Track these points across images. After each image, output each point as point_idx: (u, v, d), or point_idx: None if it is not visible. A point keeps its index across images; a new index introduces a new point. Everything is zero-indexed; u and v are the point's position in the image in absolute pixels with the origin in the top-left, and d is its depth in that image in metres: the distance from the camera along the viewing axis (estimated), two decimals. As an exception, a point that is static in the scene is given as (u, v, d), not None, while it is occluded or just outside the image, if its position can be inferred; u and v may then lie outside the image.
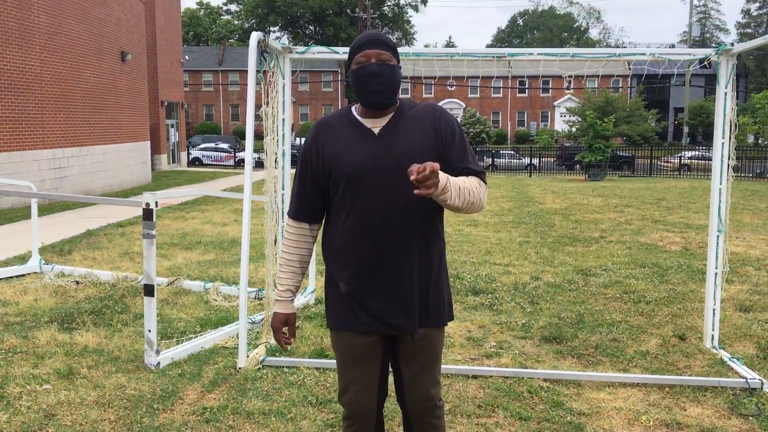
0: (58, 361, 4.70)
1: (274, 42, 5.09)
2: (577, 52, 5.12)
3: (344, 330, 2.51)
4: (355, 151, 2.42)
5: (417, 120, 2.48)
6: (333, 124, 2.53)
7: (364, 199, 2.39)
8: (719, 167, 5.02)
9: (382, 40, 2.45)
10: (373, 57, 2.42)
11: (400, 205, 2.39)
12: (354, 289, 2.45)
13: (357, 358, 2.51)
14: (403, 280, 2.43)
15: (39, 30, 14.90)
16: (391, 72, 2.43)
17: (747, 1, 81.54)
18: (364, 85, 2.42)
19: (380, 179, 2.39)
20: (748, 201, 16.57)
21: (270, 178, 5.11)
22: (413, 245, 2.42)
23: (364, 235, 2.40)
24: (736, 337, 5.46)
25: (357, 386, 2.53)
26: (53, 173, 15.71)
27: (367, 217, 2.39)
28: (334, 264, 2.50)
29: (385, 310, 2.44)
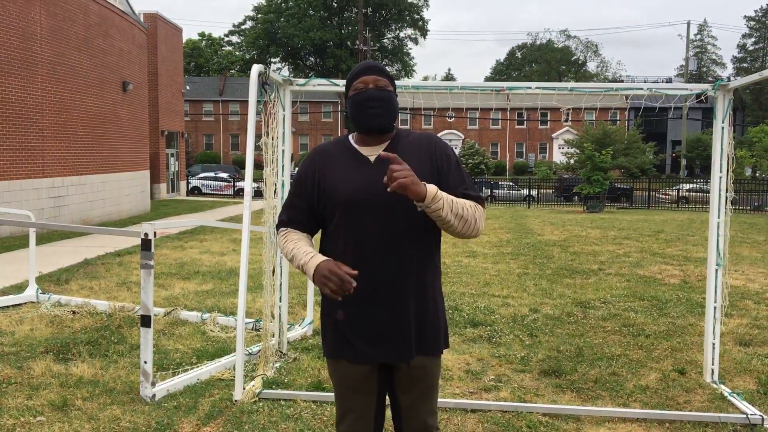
0: (52, 393, 4.65)
1: (274, 74, 5.14)
2: (575, 86, 5.17)
3: (340, 359, 2.50)
4: (351, 179, 2.43)
5: (413, 148, 2.50)
6: (330, 151, 2.55)
7: (359, 226, 2.40)
8: (717, 201, 5.04)
9: (378, 68, 2.51)
10: (371, 83, 2.47)
11: (395, 232, 2.40)
12: (350, 317, 2.44)
13: (353, 387, 2.51)
14: (398, 309, 2.42)
15: (42, 60, 15.03)
16: (388, 96, 2.48)
17: (743, 36, 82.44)
18: (363, 109, 2.45)
19: (376, 207, 2.39)
20: (747, 234, 16.58)
21: (269, 208, 5.12)
22: (409, 274, 2.43)
23: (359, 264, 2.38)
24: (736, 372, 5.42)
25: (353, 415, 2.53)
26: (52, 202, 15.72)
27: (362, 244, 2.39)
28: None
29: (380, 339, 2.43)
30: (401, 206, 2.38)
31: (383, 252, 2.39)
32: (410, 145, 2.51)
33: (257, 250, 5.31)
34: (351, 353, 2.46)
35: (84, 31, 17.00)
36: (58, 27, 15.73)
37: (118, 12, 19.46)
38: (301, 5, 71.70)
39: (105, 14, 18.33)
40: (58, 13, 15.73)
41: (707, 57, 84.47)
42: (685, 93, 5.14)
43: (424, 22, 75.43)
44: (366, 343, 2.44)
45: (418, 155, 2.48)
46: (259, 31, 72.54)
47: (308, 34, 69.24)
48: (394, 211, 2.39)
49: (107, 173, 18.73)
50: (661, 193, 33.73)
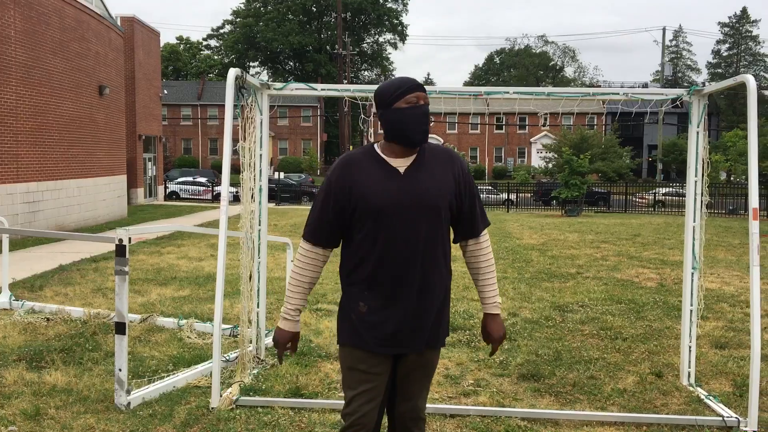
0: (25, 401, 4.57)
1: (251, 78, 5.10)
2: (552, 91, 5.20)
3: (355, 348, 2.69)
4: (384, 189, 2.62)
5: (437, 162, 2.72)
6: (360, 161, 2.70)
7: (388, 232, 2.60)
8: (693, 205, 5.08)
9: (423, 87, 2.68)
10: (422, 99, 2.64)
11: (419, 239, 2.62)
12: (372, 312, 2.65)
13: (365, 374, 2.70)
14: (417, 308, 2.66)
15: (16, 63, 14.83)
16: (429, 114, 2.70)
17: (717, 42, 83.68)
18: (417, 123, 2.62)
19: (404, 214, 2.61)
20: (722, 237, 16.79)
21: (246, 213, 5.07)
22: (428, 276, 2.66)
23: (384, 265, 2.61)
24: (713, 375, 5.46)
25: (364, 398, 2.70)
26: (27, 207, 15.50)
27: (389, 249, 2.61)
28: (354, 288, 2.69)
29: (398, 333, 2.65)
30: (426, 216, 2.63)
31: (408, 256, 2.61)
32: (434, 159, 2.71)
33: (235, 255, 5.27)
34: (369, 345, 2.66)
35: (59, 34, 16.81)
36: (33, 30, 15.53)
37: (95, 15, 19.27)
38: (280, 10, 71.66)
39: (81, 17, 18.14)
40: (33, 16, 15.53)
41: (682, 62, 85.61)
42: (660, 98, 5.18)
43: (403, 27, 75.77)
44: (384, 337, 2.65)
45: (443, 170, 2.70)
46: (238, 35, 72.39)
47: (287, 39, 69.18)
48: (419, 220, 2.62)
49: (83, 178, 18.51)
50: (638, 197, 34.06)
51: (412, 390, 2.80)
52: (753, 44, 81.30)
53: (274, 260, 11.10)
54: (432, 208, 2.62)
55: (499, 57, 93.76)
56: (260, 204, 5.41)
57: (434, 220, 2.64)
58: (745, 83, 4.40)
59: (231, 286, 8.30)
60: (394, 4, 74.34)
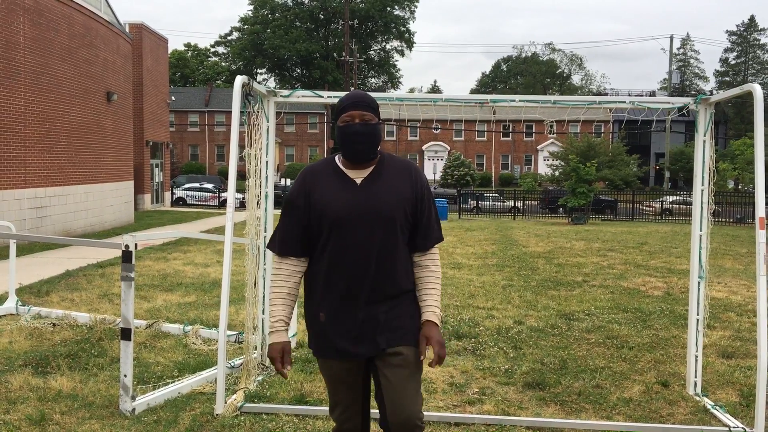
0: (30, 407, 4.58)
1: (258, 86, 5.12)
2: (558, 99, 5.19)
3: (324, 359, 2.80)
4: (339, 199, 2.71)
5: (395, 174, 2.79)
6: (319, 172, 2.82)
7: (343, 241, 2.69)
8: (699, 214, 5.06)
9: (365, 102, 2.75)
10: (357, 117, 2.72)
11: (374, 247, 2.69)
12: (331, 319, 2.73)
13: (340, 381, 2.82)
14: (374, 311, 2.71)
15: (25, 69, 14.93)
16: (372, 131, 2.74)
17: (725, 50, 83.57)
18: (349, 141, 2.72)
19: (359, 225, 2.68)
20: (729, 246, 16.71)
21: (251, 220, 5.08)
22: (384, 282, 2.72)
23: (341, 273, 2.70)
24: (719, 384, 5.43)
25: (343, 405, 2.86)
26: (34, 212, 15.57)
27: (344, 257, 2.69)
28: (314, 298, 2.78)
29: (359, 337, 2.71)
30: (381, 224, 2.70)
31: (363, 263, 2.68)
32: (393, 172, 2.79)
33: (241, 261, 5.28)
34: (333, 353, 2.75)
35: (68, 40, 16.91)
36: (42, 36, 15.63)
37: (103, 22, 19.38)
38: (288, 17, 71.90)
39: (89, 24, 18.25)
40: (42, 23, 15.63)
41: (690, 71, 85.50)
42: (667, 107, 5.17)
43: (410, 35, 75.86)
44: (346, 342, 2.72)
45: (401, 181, 2.77)
46: (246, 42, 72.62)
47: (294, 46, 69.38)
48: (374, 229, 2.69)
49: (90, 184, 18.59)
50: (644, 205, 33.97)
51: (399, 394, 2.69)
52: (761, 52, 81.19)
53: (279, 267, 11.10)
54: (387, 218, 2.69)
55: (506, 65, 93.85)
56: (266, 211, 5.42)
57: (389, 229, 2.70)
58: (752, 92, 4.39)
59: (236, 293, 8.30)
60: (402, 12, 74.49)
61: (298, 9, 72.19)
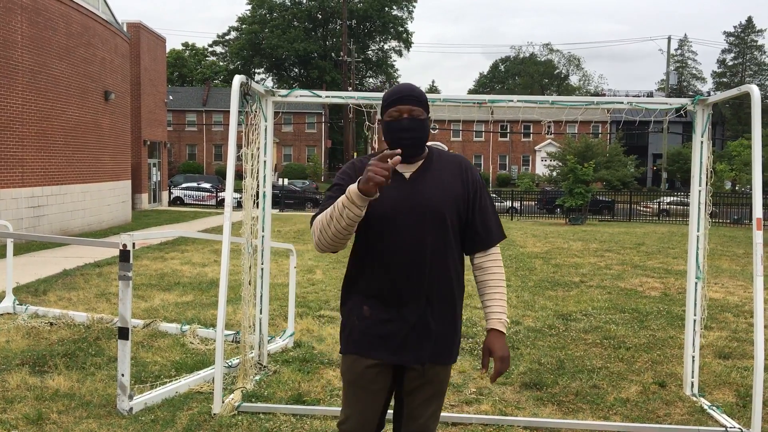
0: (27, 406, 4.57)
1: (256, 85, 5.12)
2: (556, 99, 5.20)
3: (357, 356, 2.59)
4: (387, 194, 2.52)
5: (445, 169, 2.65)
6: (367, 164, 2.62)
7: (391, 237, 2.53)
8: (696, 214, 5.07)
9: (414, 96, 2.58)
10: (405, 112, 2.56)
11: (424, 246, 2.53)
12: (375, 316, 2.56)
13: (365, 386, 2.60)
14: (419, 316, 2.55)
15: (22, 68, 14.90)
16: (420, 126, 2.57)
17: (722, 51, 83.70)
18: (397, 138, 2.56)
19: (408, 220, 2.52)
20: (726, 247, 16.74)
21: (247, 219, 5.08)
22: (433, 284, 2.55)
23: (388, 271, 2.53)
24: (716, 385, 5.44)
25: (361, 415, 2.62)
26: (31, 212, 15.54)
27: (392, 254, 2.52)
28: (358, 295, 2.61)
29: (400, 342, 2.55)
30: (431, 222, 2.54)
31: (412, 264, 2.52)
32: (443, 166, 2.64)
33: (239, 261, 5.26)
34: (369, 353, 2.57)
35: (66, 39, 16.88)
36: (40, 35, 15.60)
37: (101, 21, 19.35)
38: (286, 16, 71.84)
39: (87, 23, 18.22)
40: (40, 22, 15.61)
41: (688, 72, 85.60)
42: (664, 107, 5.18)
43: (408, 35, 75.86)
44: (385, 344, 2.55)
45: (451, 177, 2.63)
46: (243, 41, 72.55)
47: (292, 45, 69.32)
48: (424, 226, 2.53)
49: (88, 183, 18.56)
50: (642, 205, 34.00)
51: (420, 410, 2.64)
52: (758, 54, 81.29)
53: (277, 266, 11.10)
54: (436, 214, 2.53)
55: (504, 65, 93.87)
56: (263, 210, 5.42)
57: (440, 227, 2.54)
58: (750, 93, 4.40)
59: (234, 292, 8.29)
60: (400, 12, 74.50)
61: (296, 9, 72.15)
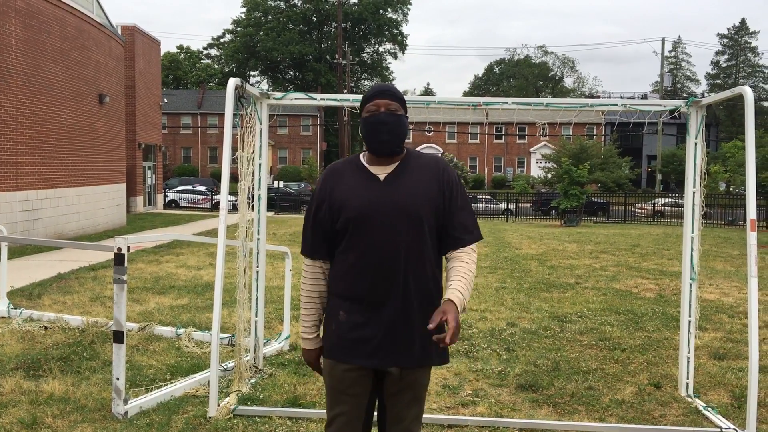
0: (22, 410, 4.56)
1: (251, 88, 5.12)
2: (550, 101, 5.21)
3: (337, 361, 2.60)
4: (360, 196, 2.56)
5: (421, 170, 2.64)
6: (341, 170, 2.69)
7: (366, 240, 2.53)
8: (691, 216, 5.09)
9: (391, 91, 2.62)
10: (382, 106, 2.59)
11: (399, 247, 2.52)
12: (351, 320, 2.56)
13: (346, 390, 2.61)
14: (396, 319, 2.53)
15: (16, 72, 14.86)
16: (397, 120, 2.59)
17: (716, 53, 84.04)
18: (374, 131, 2.58)
19: (383, 222, 2.53)
20: (721, 248, 16.79)
21: (242, 222, 5.08)
22: (409, 286, 2.54)
23: (364, 273, 2.53)
24: (711, 386, 5.46)
25: (344, 418, 2.63)
26: (26, 215, 15.50)
27: (368, 256, 2.53)
28: (337, 299, 2.62)
29: (377, 345, 2.54)
30: (407, 223, 2.53)
31: (386, 264, 2.52)
32: (419, 167, 2.64)
33: (234, 264, 5.26)
34: (348, 357, 2.57)
35: (60, 42, 16.85)
36: (34, 38, 15.57)
37: (95, 24, 19.33)
38: (281, 19, 71.86)
39: (82, 26, 18.19)
40: (34, 25, 15.58)
41: (682, 73, 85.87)
42: (659, 109, 5.20)
43: (403, 37, 75.98)
44: (361, 349, 2.55)
45: (427, 178, 2.61)
46: (238, 44, 72.54)
47: (287, 48, 69.35)
48: (398, 227, 2.53)
49: (83, 186, 18.52)
50: (637, 207, 34.08)
51: (403, 413, 2.65)
52: (752, 55, 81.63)
53: (272, 269, 11.09)
54: (412, 215, 2.52)
55: (498, 67, 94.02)
56: (259, 213, 5.42)
57: (416, 229, 2.53)
58: (743, 95, 4.42)
59: (229, 295, 8.28)
60: (395, 15, 74.59)
61: (291, 11, 72.16)
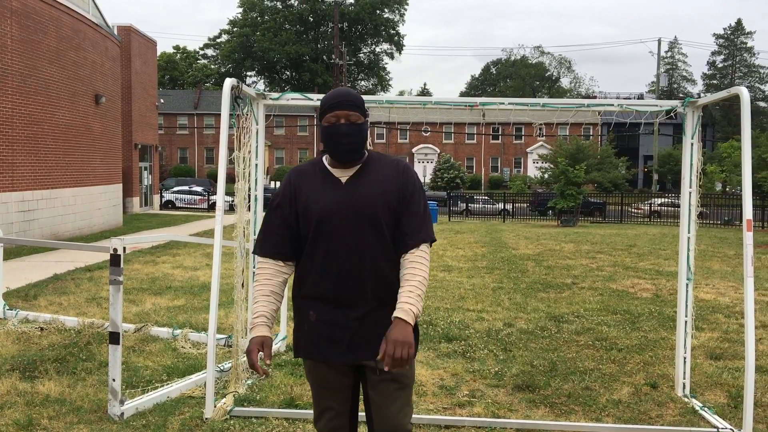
0: (17, 412, 4.54)
1: (247, 88, 5.11)
2: (547, 102, 5.21)
3: (315, 360, 2.68)
4: (323, 198, 2.63)
5: (382, 172, 2.69)
6: (306, 171, 2.74)
7: (328, 240, 2.60)
8: (687, 216, 5.09)
9: (350, 101, 2.63)
10: (342, 117, 2.62)
11: (362, 247, 2.59)
12: (321, 319, 2.63)
13: (328, 386, 2.71)
14: (365, 314, 2.61)
15: (12, 72, 14.83)
16: (358, 131, 2.63)
17: (712, 53, 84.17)
18: (334, 143, 2.62)
19: (346, 223, 2.59)
20: (717, 248, 16.82)
21: (240, 222, 5.07)
22: (371, 283, 2.61)
23: (330, 274, 2.60)
24: (707, 386, 5.46)
25: (330, 413, 2.73)
26: (22, 216, 15.46)
27: (331, 256, 2.59)
28: (304, 300, 2.68)
29: (349, 341, 2.61)
30: (367, 224, 2.60)
31: (351, 263, 2.59)
32: (380, 170, 2.70)
33: (230, 264, 5.24)
34: (322, 355, 2.64)
35: (56, 43, 16.82)
36: (30, 39, 15.54)
37: (91, 24, 19.29)
38: (277, 19, 71.85)
39: (78, 27, 18.16)
40: (30, 25, 15.54)
41: (678, 74, 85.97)
42: (655, 109, 5.20)
43: (399, 38, 76.02)
44: (333, 346, 2.62)
45: (387, 179, 2.67)
46: (235, 44, 72.50)
47: (284, 48, 69.33)
48: (360, 228, 2.59)
49: (79, 187, 18.48)
50: (633, 207, 34.12)
51: (387, 407, 2.65)
52: (748, 56, 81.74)
53: (269, 270, 11.06)
54: (372, 216, 2.58)
55: (495, 67, 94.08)
56: (255, 213, 5.41)
57: (376, 229, 2.59)
58: (739, 95, 4.42)
59: (226, 296, 8.27)
60: (391, 15, 74.62)
61: (288, 11, 72.16)
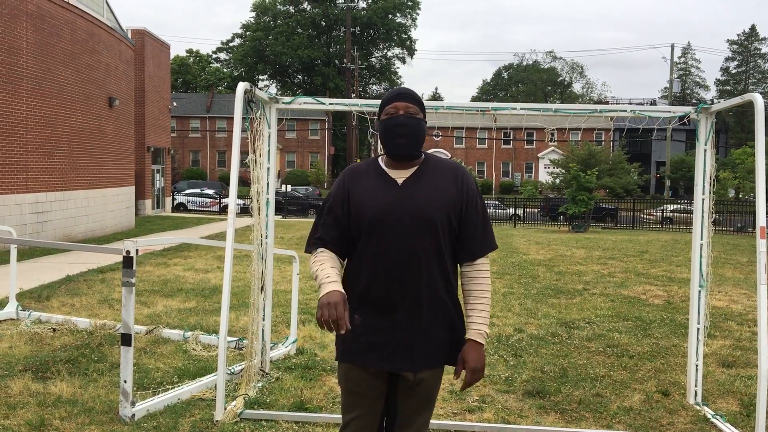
0: (30, 412, 4.57)
1: (260, 92, 5.13)
2: (559, 107, 5.20)
3: (352, 364, 2.58)
4: (377, 198, 2.55)
5: (440, 175, 2.62)
6: (360, 171, 2.68)
7: (381, 243, 2.51)
8: (700, 222, 5.06)
9: (410, 95, 2.61)
10: (401, 109, 2.58)
11: (415, 251, 2.50)
12: (366, 324, 2.54)
13: (361, 393, 2.60)
14: (410, 323, 2.53)
15: (27, 75, 14.96)
16: (416, 123, 2.58)
17: (726, 59, 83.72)
18: (392, 134, 2.56)
19: (400, 226, 2.51)
20: (730, 255, 16.70)
21: (257, 225, 5.09)
22: (423, 291, 2.52)
23: (379, 277, 2.51)
24: (720, 393, 5.42)
25: (360, 421, 2.61)
26: (35, 217, 15.57)
27: (383, 260, 2.51)
28: (352, 302, 2.57)
29: (393, 349, 2.53)
30: (423, 228, 2.51)
31: (402, 268, 2.50)
32: (438, 172, 2.62)
33: (241, 267, 5.27)
34: (363, 360, 2.55)
35: (70, 46, 16.95)
36: (45, 42, 15.67)
37: (106, 28, 19.44)
38: (290, 23, 72.06)
39: (92, 30, 18.30)
40: (45, 28, 15.68)
41: (691, 79, 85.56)
42: (668, 116, 5.18)
43: (411, 42, 76.04)
44: (376, 352, 2.54)
45: (445, 183, 2.60)
46: (247, 48, 72.76)
47: (296, 52, 69.50)
48: (415, 232, 2.51)
49: (92, 189, 18.60)
50: (645, 213, 33.95)
51: (413, 417, 2.64)
52: (762, 62, 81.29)
53: (280, 273, 11.10)
54: (427, 220, 2.51)
55: (507, 72, 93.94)
56: (267, 217, 5.43)
57: (432, 234, 2.52)
58: (753, 101, 4.40)
59: (236, 299, 8.30)
60: (404, 19, 74.69)
61: (300, 16, 72.36)
